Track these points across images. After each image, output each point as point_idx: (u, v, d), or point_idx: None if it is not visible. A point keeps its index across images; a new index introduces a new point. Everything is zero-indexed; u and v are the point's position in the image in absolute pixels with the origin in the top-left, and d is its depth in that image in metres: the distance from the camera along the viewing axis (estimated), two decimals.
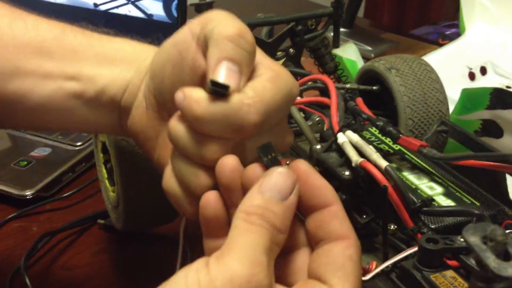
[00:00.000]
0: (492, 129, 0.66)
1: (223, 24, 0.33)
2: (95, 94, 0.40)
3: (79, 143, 0.77)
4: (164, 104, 0.37)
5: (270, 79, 0.33)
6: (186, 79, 0.34)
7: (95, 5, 0.93)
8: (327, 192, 0.31)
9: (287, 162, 0.32)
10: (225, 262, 0.27)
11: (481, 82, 0.90)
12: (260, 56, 0.34)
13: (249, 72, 0.33)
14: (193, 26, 0.35)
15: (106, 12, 0.92)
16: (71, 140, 0.78)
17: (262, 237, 0.28)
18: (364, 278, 0.37)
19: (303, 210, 0.31)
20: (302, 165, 0.31)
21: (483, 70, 0.92)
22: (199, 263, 0.28)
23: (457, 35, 1.11)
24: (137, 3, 0.91)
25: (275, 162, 0.31)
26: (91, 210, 0.69)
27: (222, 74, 0.31)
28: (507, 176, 0.48)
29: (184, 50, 0.35)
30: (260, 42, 0.63)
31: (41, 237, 0.63)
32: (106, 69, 0.40)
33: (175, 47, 0.35)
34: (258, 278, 0.27)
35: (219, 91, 0.31)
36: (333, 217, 0.30)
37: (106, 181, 0.59)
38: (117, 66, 0.40)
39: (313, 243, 0.31)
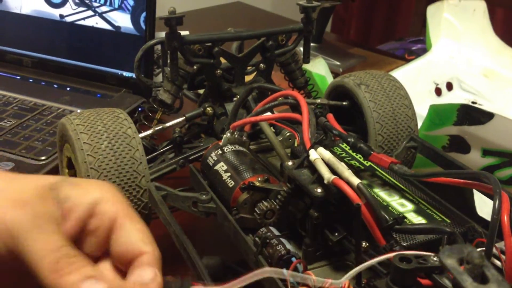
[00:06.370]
0: (460, 144, 0.66)
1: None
2: None
3: (43, 157, 0.75)
4: None
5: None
6: None
7: (61, 16, 0.91)
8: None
9: None
10: None
11: (448, 97, 0.92)
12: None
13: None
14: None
15: (72, 23, 0.91)
16: (35, 154, 0.76)
17: None
18: None
19: None
20: None
21: (449, 86, 0.94)
22: None
23: (423, 50, 1.13)
24: (104, 15, 0.89)
25: None
26: None
27: None
28: (474, 192, 0.49)
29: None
30: (230, 57, 0.63)
31: None
32: None
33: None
34: None
35: None
36: None
37: None
38: None
39: None
